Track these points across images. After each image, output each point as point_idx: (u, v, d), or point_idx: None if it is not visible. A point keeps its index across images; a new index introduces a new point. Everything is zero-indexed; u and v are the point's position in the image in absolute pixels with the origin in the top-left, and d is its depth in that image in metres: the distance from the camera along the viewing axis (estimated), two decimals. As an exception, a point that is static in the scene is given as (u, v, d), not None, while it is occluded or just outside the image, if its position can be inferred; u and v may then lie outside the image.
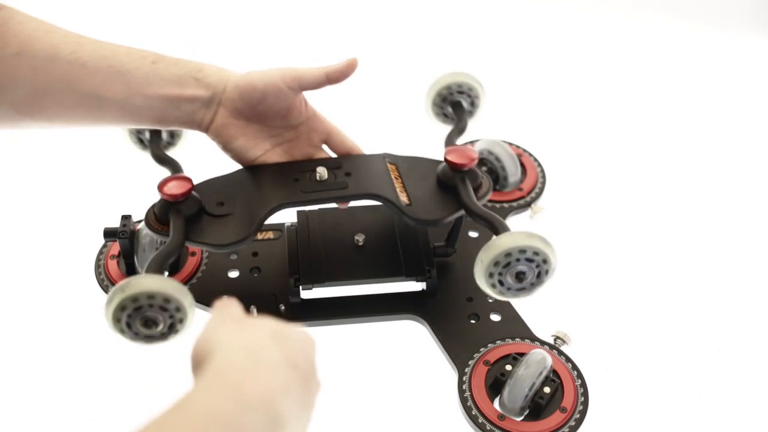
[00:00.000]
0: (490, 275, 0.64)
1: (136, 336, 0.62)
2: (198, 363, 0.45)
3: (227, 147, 0.73)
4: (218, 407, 0.40)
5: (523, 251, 0.63)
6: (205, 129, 0.72)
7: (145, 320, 0.61)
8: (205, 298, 0.78)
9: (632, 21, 1.32)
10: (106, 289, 0.78)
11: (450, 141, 0.81)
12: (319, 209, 0.84)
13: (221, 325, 0.48)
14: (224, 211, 0.71)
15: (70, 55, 0.65)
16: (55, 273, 0.87)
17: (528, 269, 0.64)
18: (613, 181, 1.02)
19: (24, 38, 0.64)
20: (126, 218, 0.77)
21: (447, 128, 0.84)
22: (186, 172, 0.76)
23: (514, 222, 0.89)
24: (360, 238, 0.81)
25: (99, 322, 0.75)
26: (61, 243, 0.90)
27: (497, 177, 0.89)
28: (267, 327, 0.47)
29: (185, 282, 0.79)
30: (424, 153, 0.80)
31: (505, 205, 0.88)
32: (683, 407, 0.77)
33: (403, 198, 0.72)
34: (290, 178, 0.72)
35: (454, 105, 0.85)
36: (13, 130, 0.69)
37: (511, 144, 0.93)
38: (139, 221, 0.80)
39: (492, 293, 0.66)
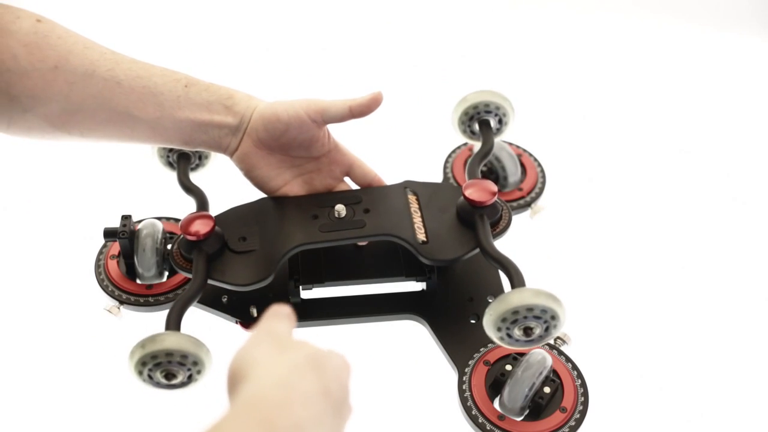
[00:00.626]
0: (498, 329, 0.64)
1: (158, 385, 0.64)
2: (233, 383, 0.45)
3: (249, 174, 0.74)
4: None
5: (530, 309, 0.63)
6: (231, 154, 0.73)
7: (165, 373, 0.63)
8: (204, 298, 0.78)
9: (632, 21, 1.32)
10: (106, 289, 0.78)
11: (472, 169, 0.80)
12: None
13: (259, 345, 0.47)
14: (246, 247, 0.72)
15: (107, 73, 0.67)
16: (55, 273, 0.87)
17: (536, 325, 0.64)
18: (613, 181, 1.03)
19: (62, 52, 0.65)
20: (126, 218, 0.77)
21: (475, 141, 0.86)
22: (211, 194, 0.78)
23: (514, 222, 0.88)
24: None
25: (99, 322, 0.75)
26: (61, 243, 0.90)
27: (497, 177, 0.89)
28: (305, 352, 0.46)
29: (185, 282, 0.79)
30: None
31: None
32: (683, 407, 0.77)
33: (421, 235, 0.72)
34: (309, 214, 0.73)
35: (481, 124, 0.85)
36: (43, 141, 0.69)
37: (511, 144, 0.93)
38: (140, 221, 0.80)
39: (501, 344, 0.66)
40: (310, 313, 0.78)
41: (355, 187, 0.78)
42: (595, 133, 1.11)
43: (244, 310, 0.77)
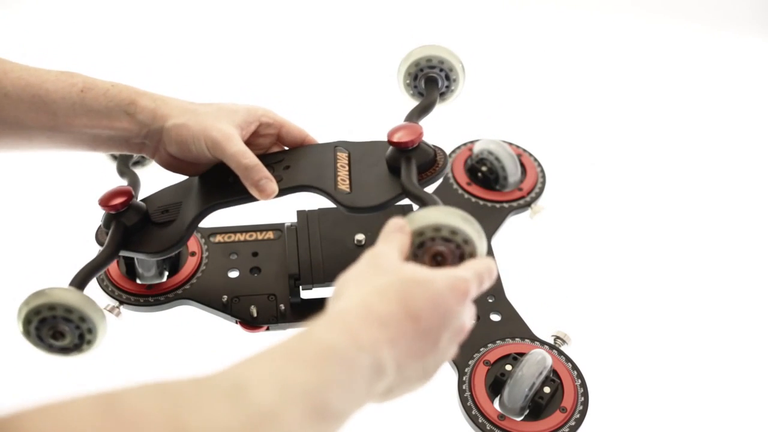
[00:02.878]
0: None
1: (51, 349, 0.62)
2: (333, 297, 0.49)
3: (178, 173, 0.72)
4: (335, 342, 0.43)
5: (437, 230, 0.53)
6: (150, 156, 0.71)
7: (53, 332, 0.61)
8: (205, 298, 0.78)
9: (632, 21, 1.32)
10: (106, 289, 0.78)
11: (409, 119, 0.75)
12: (319, 209, 0.83)
13: (359, 266, 0.50)
14: (167, 218, 0.72)
15: None
16: (55, 273, 0.86)
17: (446, 249, 0.54)
18: (613, 181, 1.02)
19: None
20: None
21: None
22: (159, 186, 0.76)
23: (514, 222, 0.89)
24: (361, 238, 0.81)
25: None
26: (61, 243, 0.90)
27: (497, 177, 0.89)
28: (397, 277, 0.48)
29: (185, 282, 0.79)
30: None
31: (505, 205, 0.88)
32: (683, 407, 0.77)
33: (343, 186, 0.69)
34: (227, 178, 0.71)
35: (427, 81, 0.79)
36: None
37: (511, 144, 0.93)
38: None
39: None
40: (310, 313, 0.78)
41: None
42: (595, 133, 1.11)
43: (244, 310, 0.77)
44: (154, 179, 0.78)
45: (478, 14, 1.35)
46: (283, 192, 0.69)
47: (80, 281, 0.66)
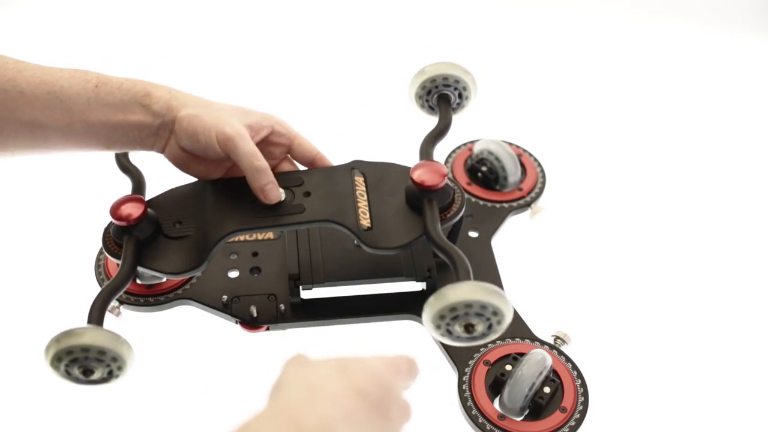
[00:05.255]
0: (437, 327, 0.60)
1: (78, 381, 0.62)
2: (268, 400, 0.47)
3: (185, 170, 0.71)
4: None
5: (469, 306, 0.58)
6: (160, 151, 0.70)
7: (83, 369, 0.60)
8: (205, 298, 0.78)
9: (632, 21, 1.32)
10: (106, 289, 0.78)
11: (425, 148, 0.75)
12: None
13: (288, 365, 0.49)
14: (181, 232, 0.70)
15: (8, 84, 0.64)
16: (55, 273, 0.87)
17: (478, 321, 0.59)
18: (613, 181, 1.02)
19: None
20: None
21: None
22: (154, 179, 0.75)
23: (514, 222, 0.89)
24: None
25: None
26: (61, 243, 0.90)
27: (497, 177, 0.89)
28: (333, 362, 0.48)
29: (185, 282, 0.79)
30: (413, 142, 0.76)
31: (505, 205, 0.88)
32: (683, 407, 0.77)
33: (364, 221, 0.69)
34: (247, 198, 0.69)
35: (440, 99, 0.79)
36: None
37: (511, 144, 0.93)
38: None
39: (444, 341, 0.62)
40: (310, 313, 0.78)
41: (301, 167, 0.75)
42: (596, 133, 1.11)
43: (244, 310, 0.77)
44: (154, 173, 0.77)
45: (478, 14, 1.35)
46: (308, 224, 0.69)
47: (99, 312, 0.64)
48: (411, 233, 0.68)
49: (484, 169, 0.89)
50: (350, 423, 0.44)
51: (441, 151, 0.93)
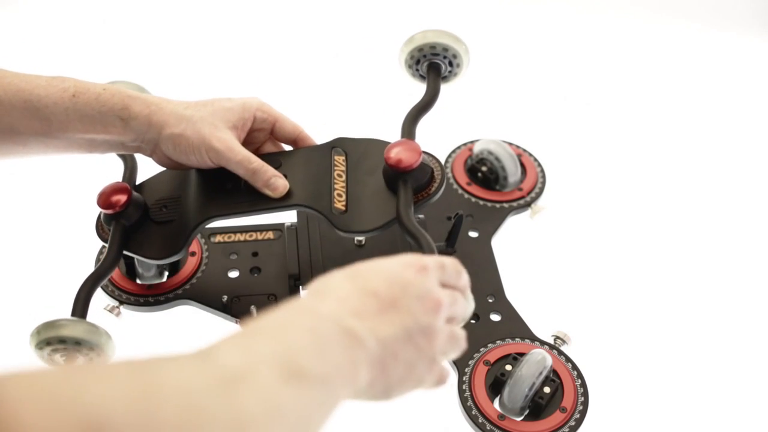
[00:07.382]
0: None
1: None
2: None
3: (174, 168, 0.72)
4: (291, 317, 0.46)
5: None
6: (148, 156, 0.70)
7: (65, 357, 0.62)
8: (205, 298, 0.78)
9: (632, 21, 1.32)
10: (106, 289, 0.78)
11: (407, 126, 0.72)
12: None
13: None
14: (166, 216, 0.72)
15: None
16: (55, 273, 0.87)
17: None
18: (613, 181, 1.03)
19: None
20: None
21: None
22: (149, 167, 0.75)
23: (514, 222, 0.89)
24: (361, 238, 0.81)
25: (99, 322, 0.75)
26: (61, 243, 0.90)
27: (497, 177, 0.89)
28: (346, 270, 0.50)
29: (185, 282, 0.79)
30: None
31: (505, 205, 0.88)
32: (683, 407, 0.77)
33: (339, 204, 0.68)
34: (226, 184, 0.70)
35: (430, 68, 0.77)
36: None
37: (511, 144, 0.93)
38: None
39: None
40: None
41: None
42: (596, 134, 1.11)
43: (244, 310, 0.77)
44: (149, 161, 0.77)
45: (479, 14, 1.35)
46: (281, 209, 0.70)
47: (83, 302, 0.66)
48: (385, 216, 0.67)
49: (484, 169, 0.89)
50: (362, 319, 0.46)
51: (441, 151, 0.93)
